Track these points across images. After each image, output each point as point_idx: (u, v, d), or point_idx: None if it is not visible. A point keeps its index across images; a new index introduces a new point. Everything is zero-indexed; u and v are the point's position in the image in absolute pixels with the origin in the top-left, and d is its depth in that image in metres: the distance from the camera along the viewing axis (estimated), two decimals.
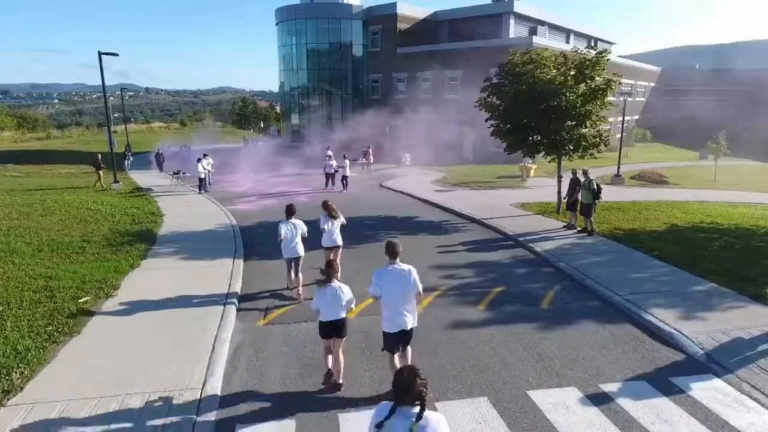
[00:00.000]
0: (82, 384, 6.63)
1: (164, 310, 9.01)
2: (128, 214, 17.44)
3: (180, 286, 10.26)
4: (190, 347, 7.66)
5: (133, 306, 9.18)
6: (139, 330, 8.25)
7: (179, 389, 6.53)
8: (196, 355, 7.42)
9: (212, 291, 9.92)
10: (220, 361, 7.36)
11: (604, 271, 11.16)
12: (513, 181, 25.50)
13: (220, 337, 8.02)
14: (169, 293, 9.80)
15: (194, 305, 9.22)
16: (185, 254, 12.73)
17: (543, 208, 18.37)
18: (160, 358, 7.32)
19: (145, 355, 7.42)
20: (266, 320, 8.97)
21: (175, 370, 7.00)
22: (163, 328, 8.30)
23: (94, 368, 7.03)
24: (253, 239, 14.71)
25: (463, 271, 11.56)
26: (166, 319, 8.66)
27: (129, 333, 8.15)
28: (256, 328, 8.64)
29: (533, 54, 17.15)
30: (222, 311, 8.96)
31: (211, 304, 9.25)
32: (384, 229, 15.73)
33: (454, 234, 15.19)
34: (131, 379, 6.76)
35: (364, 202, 20.27)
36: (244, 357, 7.61)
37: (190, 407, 6.17)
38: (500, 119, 17.51)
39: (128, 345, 7.72)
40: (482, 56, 36.48)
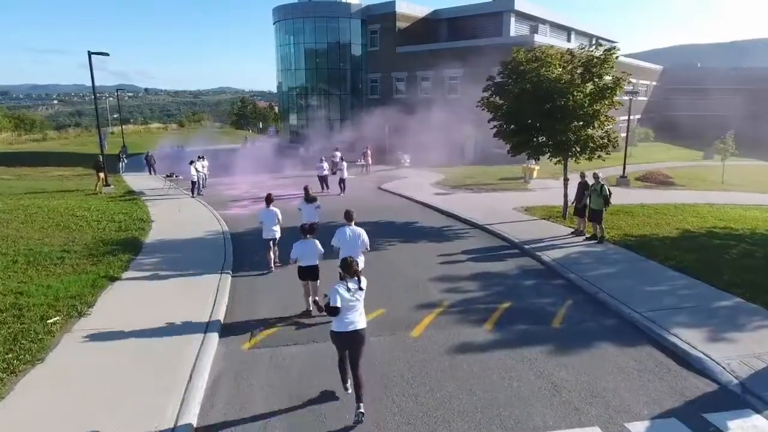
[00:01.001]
0: (36, 425, 5.79)
1: (140, 333, 8.14)
2: (115, 221, 16.59)
3: (160, 304, 9.41)
4: (164, 377, 6.83)
5: (106, 328, 8.32)
6: (109, 357, 7.41)
7: (146, 429, 5.70)
8: (171, 387, 6.58)
9: (195, 311, 9.06)
10: (197, 393, 6.52)
11: (617, 284, 10.32)
12: (515, 183, 24.66)
13: (199, 365, 7.17)
14: (147, 313, 8.94)
15: (173, 328, 8.34)
16: (170, 266, 11.87)
17: (548, 213, 17.52)
18: (129, 391, 6.49)
19: (113, 386, 6.58)
20: (252, 343, 8.13)
21: (145, 405, 6.17)
22: (137, 355, 7.45)
23: (53, 404, 6.19)
24: (243, 248, 13.87)
25: (467, 284, 10.71)
26: (140, 344, 7.80)
27: (98, 360, 7.30)
28: (241, 352, 7.80)
29: (538, 52, 16.29)
30: (203, 335, 8.10)
31: (191, 327, 8.37)
32: (382, 236, 14.88)
33: (456, 241, 14.34)
34: (93, 416, 5.93)
35: (362, 206, 19.30)
36: (225, 388, 6.76)
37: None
38: (503, 120, 16.66)
39: (95, 375, 6.88)
40: (483, 55, 35.54)
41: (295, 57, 44.38)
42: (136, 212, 18.20)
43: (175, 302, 9.51)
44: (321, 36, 42.82)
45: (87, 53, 23.41)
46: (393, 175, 28.95)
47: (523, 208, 18.50)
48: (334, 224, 16.33)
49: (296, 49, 44.10)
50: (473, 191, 22.57)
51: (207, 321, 8.61)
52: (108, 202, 20.82)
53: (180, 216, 18.00)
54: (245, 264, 12.34)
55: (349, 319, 6.09)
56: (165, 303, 9.48)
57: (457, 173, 28.20)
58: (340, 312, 5.97)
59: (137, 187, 26.06)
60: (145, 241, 14.21)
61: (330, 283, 6.92)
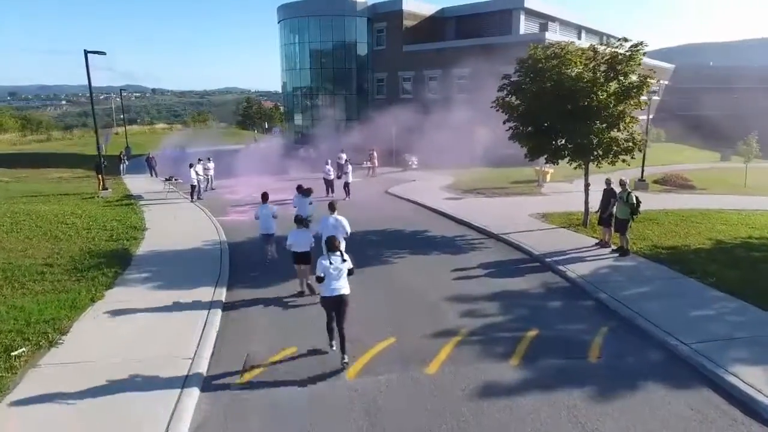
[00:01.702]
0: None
1: (111, 373, 6.93)
2: (107, 229, 15.52)
3: (139, 336, 8.22)
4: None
5: (73, 367, 7.18)
6: (68, 411, 6.21)
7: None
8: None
9: (178, 344, 7.89)
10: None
11: (656, 307, 9.11)
12: (528, 187, 23.42)
13: (175, 426, 5.90)
14: (123, 347, 7.78)
15: (149, 369, 7.08)
16: (158, 283, 10.76)
17: (568, 221, 16.30)
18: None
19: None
20: (244, 380, 7.02)
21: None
22: (99, 411, 6.17)
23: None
24: (241, 261, 12.76)
25: (487, 306, 9.54)
26: (108, 391, 6.54)
27: (53, 414, 6.13)
28: (229, 395, 6.67)
29: (557, 48, 15.08)
30: (184, 377, 6.93)
31: (171, 369, 7.13)
32: (390, 247, 13.73)
33: (470, 253, 13.16)
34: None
35: (368, 213, 18.26)
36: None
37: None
38: (520, 121, 15.46)
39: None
40: (492, 54, 34.33)
41: (300, 56, 43.33)
42: (131, 219, 17.13)
43: (156, 332, 8.35)
44: (326, 35, 41.71)
45: (83, 52, 22.46)
46: (400, 178, 27.80)
47: (540, 215, 17.29)
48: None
49: (301, 48, 43.04)
50: (485, 196, 21.36)
51: (191, 361, 7.35)
52: (103, 207, 19.79)
53: (176, 223, 16.93)
54: (241, 280, 11.23)
55: (334, 286, 7.36)
56: (145, 333, 8.31)
57: (466, 176, 27.00)
58: (326, 280, 7.35)
59: (136, 190, 25.05)
60: (136, 253, 13.11)
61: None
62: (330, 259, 7.34)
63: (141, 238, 14.57)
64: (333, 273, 7.31)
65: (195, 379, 6.86)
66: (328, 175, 22.09)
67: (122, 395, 6.46)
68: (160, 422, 5.88)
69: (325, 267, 7.32)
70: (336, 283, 7.34)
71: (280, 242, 11.30)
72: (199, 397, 6.54)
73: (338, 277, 7.36)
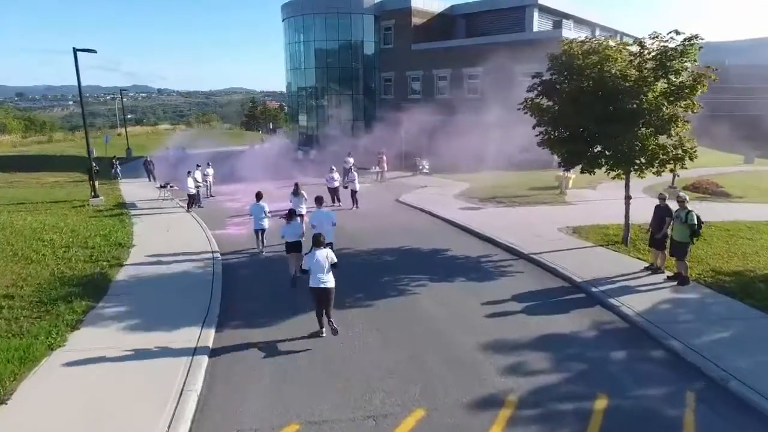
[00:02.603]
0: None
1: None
2: (87, 246, 13.68)
3: (96, 407, 6.36)
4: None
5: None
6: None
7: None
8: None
9: (144, 420, 6.06)
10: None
11: (749, 362, 7.16)
12: (550, 195, 21.43)
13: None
14: (72, 424, 5.95)
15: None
16: (135, 321, 8.90)
17: (603, 237, 14.35)
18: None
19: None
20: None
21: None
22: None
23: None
24: (236, 287, 10.91)
25: (533, 358, 7.62)
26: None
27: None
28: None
29: (593, 43, 13.14)
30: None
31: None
32: (408, 270, 11.81)
33: (500, 279, 11.22)
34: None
35: (380, 226, 16.36)
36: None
37: None
38: (552, 125, 13.54)
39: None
40: (505, 52, 32.40)
41: (305, 55, 41.40)
42: (117, 233, 15.28)
43: (119, 403, 6.47)
44: (332, 33, 39.75)
45: (72, 50, 20.68)
46: (411, 183, 25.85)
47: (570, 229, 15.34)
48: (348, 251, 13.46)
49: (306, 47, 41.10)
50: (505, 205, 19.40)
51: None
52: (90, 218, 17.96)
53: (167, 237, 15.07)
54: (234, 315, 9.37)
55: (319, 278, 8.01)
56: (105, 403, 6.45)
57: (481, 182, 25.02)
58: (312, 272, 8.03)
59: (130, 197, 23.25)
60: (115, 278, 11.25)
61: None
62: (315, 254, 8.10)
63: (124, 259, 12.71)
64: (318, 267, 8.07)
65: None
66: (332, 182, 20.05)
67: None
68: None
69: (311, 261, 8.11)
70: (321, 275, 8.06)
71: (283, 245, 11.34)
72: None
73: (322, 270, 8.08)
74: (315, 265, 8.06)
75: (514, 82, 32.87)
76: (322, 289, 8.07)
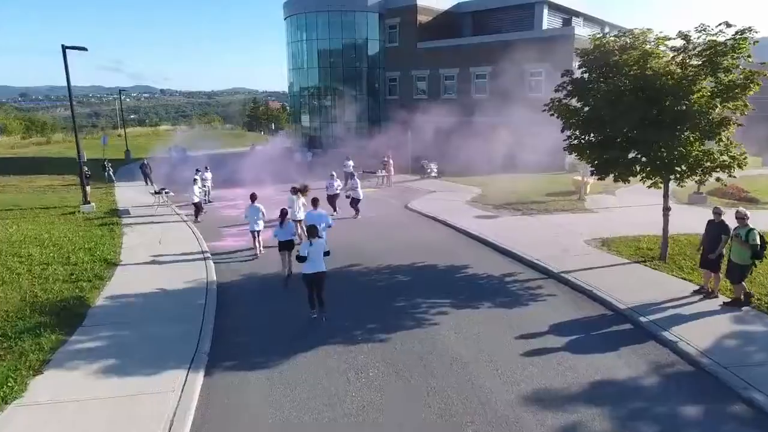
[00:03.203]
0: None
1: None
2: (69, 262, 12.28)
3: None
4: None
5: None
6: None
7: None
8: None
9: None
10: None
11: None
12: (569, 201, 19.95)
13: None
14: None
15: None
16: (110, 362, 7.49)
17: (636, 250, 12.91)
18: None
19: None
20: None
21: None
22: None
23: None
24: (231, 312, 9.51)
25: (589, 416, 6.17)
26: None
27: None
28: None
29: (628, 37, 11.69)
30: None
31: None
32: (425, 293, 10.39)
33: (531, 306, 9.78)
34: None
35: (389, 238, 14.94)
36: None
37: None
38: (583, 129, 12.12)
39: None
40: (514, 50, 31.02)
41: (308, 54, 39.96)
42: (104, 246, 13.88)
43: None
44: (335, 31, 38.33)
45: (61, 47, 19.32)
46: (419, 188, 24.39)
47: (598, 241, 13.91)
48: (355, 268, 12.03)
49: (308, 45, 39.67)
50: (522, 213, 17.95)
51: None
52: (78, 228, 16.56)
53: (158, 252, 13.65)
54: (228, 350, 7.98)
55: (314, 265, 8.84)
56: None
57: (493, 186, 23.56)
58: (307, 260, 8.78)
59: (124, 203, 21.86)
60: (95, 303, 9.85)
61: None
62: (311, 242, 8.78)
63: (108, 278, 11.30)
64: (313, 254, 8.74)
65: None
66: (332, 189, 18.29)
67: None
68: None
69: (307, 249, 8.73)
70: (315, 262, 8.80)
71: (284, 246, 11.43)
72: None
73: (319, 257, 8.84)
74: (312, 253, 8.75)
75: (525, 81, 31.58)
76: (317, 274, 8.86)
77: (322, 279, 8.95)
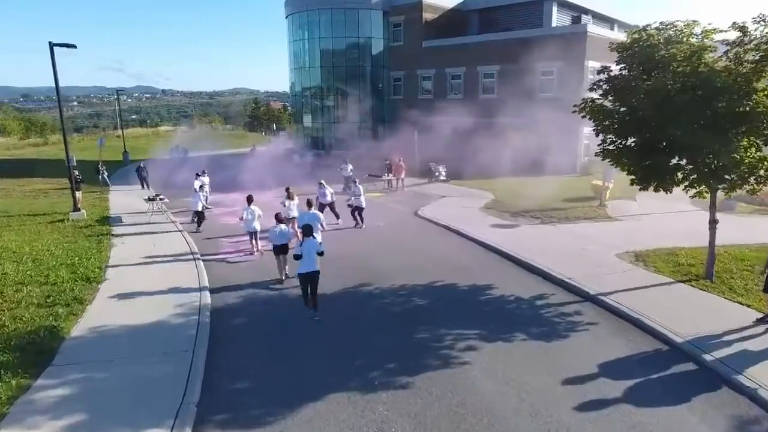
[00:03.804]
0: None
1: None
2: (48, 282, 10.92)
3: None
4: None
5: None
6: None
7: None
8: None
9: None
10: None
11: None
12: (589, 208, 18.54)
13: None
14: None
15: None
16: (77, 417, 6.14)
17: (675, 266, 11.54)
18: None
19: None
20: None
21: None
22: None
23: None
24: (226, 351, 8.15)
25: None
26: None
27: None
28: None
29: (671, 30, 10.33)
30: None
31: None
32: (446, 322, 9.02)
33: (572, 337, 8.42)
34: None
35: (399, 251, 13.58)
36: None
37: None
38: (620, 133, 10.77)
39: None
40: (524, 49, 29.70)
41: (310, 53, 38.55)
42: (89, 262, 12.50)
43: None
44: (338, 30, 36.92)
45: (48, 44, 17.94)
46: (427, 192, 23.01)
47: (632, 255, 12.54)
48: (366, 289, 10.69)
49: (310, 44, 38.26)
50: (542, 221, 16.58)
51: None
52: (64, 238, 15.21)
53: (147, 269, 12.31)
54: (220, 399, 6.63)
55: (308, 264, 9.00)
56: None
57: (505, 191, 22.20)
58: (303, 258, 8.96)
59: (117, 210, 20.49)
60: (70, 334, 8.49)
61: None
62: (306, 242, 9.09)
63: (88, 302, 9.94)
64: (308, 253, 9.00)
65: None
66: (323, 198, 16.77)
67: None
68: None
69: (301, 249, 9.05)
70: (309, 261, 9.02)
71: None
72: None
73: (312, 256, 9.05)
74: (306, 253, 8.97)
75: (535, 80, 30.20)
76: (311, 273, 9.06)
77: (316, 278, 9.15)
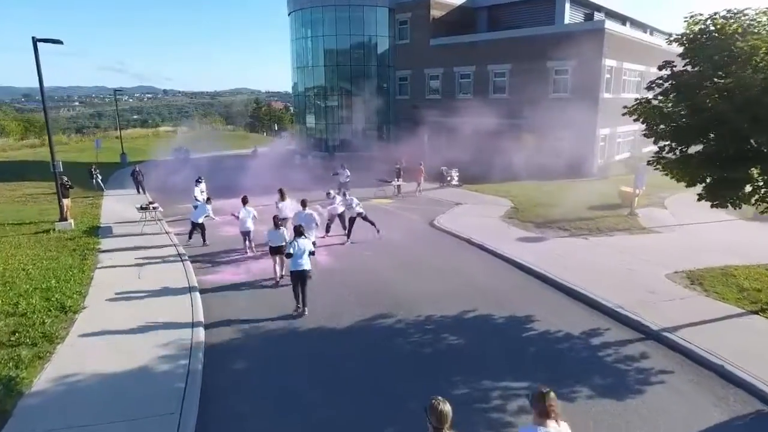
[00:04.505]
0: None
1: None
2: (17, 312, 9.27)
3: None
4: None
5: None
6: None
7: None
8: None
9: None
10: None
11: None
12: (618, 217, 16.84)
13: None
14: None
15: None
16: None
17: (737, 289, 9.92)
18: None
19: None
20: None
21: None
22: None
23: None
24: (220, 409, 6.52)
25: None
26: None
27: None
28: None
29: (740, 17, 8.71)
30: None
31: None
32: (489, 369, 7.40)
33: (649, 393, 6.77)
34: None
35: (419, 272, 11.93)
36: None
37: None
38: (681, 139, 9.14)
39: None
40: (536, 46, 28.15)
41: (313, 52, 36.92)
42: (69, 284, 10.85)
43: None
44: (342, 27, 35.28)
45: (32, 39, 16.34)
46: (441, 198, 21.36)
47: (684, 276, 10.91)
48: (386, 321, 8.95)
49: (314, 42, 36.62)
50: (570, 233, 14.92)
51: None
52: (46, 253, 13.58)
53: (135, 289, 10.67)
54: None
55: (299, 262, 9.30)
56: None
57: (523, 198, 20.55)
58: (294, 257, 9.28)
59: (108, 218, 18.86)
60: (31, 388, 6.85)
61: None
62: (297, 242, 9.39)
63: (59, 340, 8.29)
64: (298, 252, 9.30)
65: None
66: (335, 210, 15.15)
67: None
68: None
69: (294, 248, 9.33)
70: (300, 260, 9.31)
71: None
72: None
73: (301, 255, 9.32)
74: (297, 252, 9.28)
75: (549, 79, 28.55)
76: (301, 271, 9.31)
77: (305, 276, 9.40)
